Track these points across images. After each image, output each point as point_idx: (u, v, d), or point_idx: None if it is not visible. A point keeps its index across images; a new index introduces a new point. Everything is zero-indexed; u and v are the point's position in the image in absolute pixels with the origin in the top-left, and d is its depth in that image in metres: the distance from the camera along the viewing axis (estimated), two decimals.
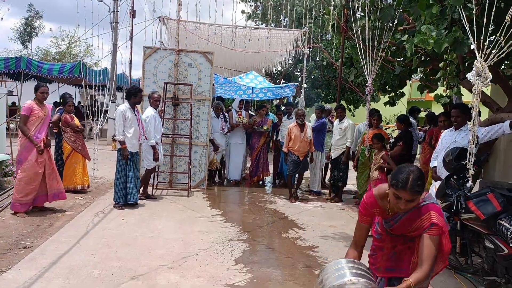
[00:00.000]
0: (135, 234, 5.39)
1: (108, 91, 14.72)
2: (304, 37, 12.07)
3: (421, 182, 2.40)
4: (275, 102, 19.81)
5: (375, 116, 7.24)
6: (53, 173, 6.15)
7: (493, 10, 3.66)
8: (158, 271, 4.28)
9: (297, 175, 8.08)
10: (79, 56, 32.67)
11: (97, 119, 8.57)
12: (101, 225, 5.69)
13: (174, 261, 4.58)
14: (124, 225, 5.75)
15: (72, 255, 4.56)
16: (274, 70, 17.84)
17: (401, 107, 14.69)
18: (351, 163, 8.35)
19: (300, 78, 19.37)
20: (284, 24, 18.13)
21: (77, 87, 21.77)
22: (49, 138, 6.13)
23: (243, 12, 18.91)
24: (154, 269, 4.32)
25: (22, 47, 31.70)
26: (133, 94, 6.64)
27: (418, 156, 9.87)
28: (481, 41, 3.76)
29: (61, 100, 7.66)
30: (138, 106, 6.97)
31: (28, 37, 30.74)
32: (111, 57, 14.55)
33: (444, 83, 5.04)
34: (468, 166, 3.96)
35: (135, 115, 6.65)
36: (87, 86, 11.20)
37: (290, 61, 16.72)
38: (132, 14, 8.73)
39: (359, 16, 6.41)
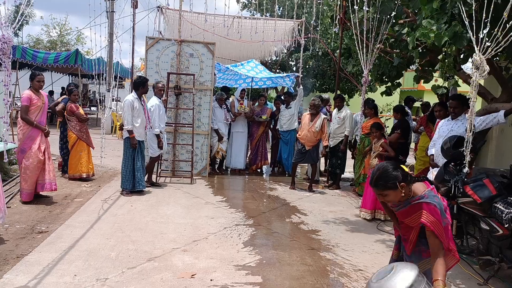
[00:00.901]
0: (145, 220, 5.61)
1: (104, 80, 14.82)
2: (300, 27, 12.26)
3: (382, 182, 2.60)
4: (270, 91, 19.99)
5: (366, 106, 7.43)
6: (45, 163, 6.18)
7: (492, 6, 3.89)
8: (173, 254, 4.51)
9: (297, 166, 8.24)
10: (70, 44, 32.49)
11: (103, 108, 8.72)
12: (112, 211, 5.89)
13: (186, 244, 4.81)
14: (133, 211, 5.96)
15: (88, 239, 4.77)
16: (269, 60, 17.99)
17: (394, 97, 14.96)
18: (349, 152, 8.63)
19: (294, 67, 19.57)
20: (279, 13, 18.28)
21: (70, 76, 21.75)
22: (46, 126, 6.21)
23: (238, 1, 18.99)
24: (168, 252, 4.55)
25: (13, 35, 31.32)
26: (141, 84, 6.81)
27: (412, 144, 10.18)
28: (480, 35, 4.00)
29: (67, 89, 7.79)
30: (144, 96, 7.12)
31: (19, 25, 30.42)
32: (108, 46, 14.54)
33: (443, 74, 5.28)
34: (465, 153, 4.22)
35: (142, 105, 6.83)
36: (91, 76, 11.15)
37: (285, 51, 16.90)
38: (135, 4, 8.84)
39: (357, 8, 6.60)
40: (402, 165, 2.70)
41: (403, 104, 9.40)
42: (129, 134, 6.69)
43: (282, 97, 9.60)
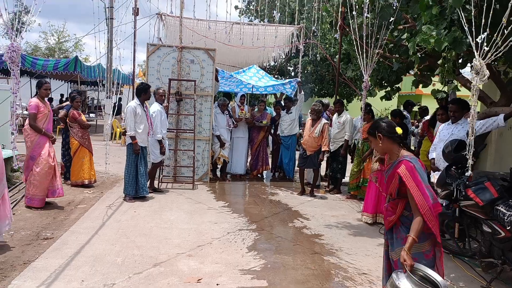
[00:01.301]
0: (149, 225, 5.64)
1: (104, 87, 14.87)
2: (298, 33, 12.37)
3: (371, 128, 3.07)
4: (268, 96, 20.06)
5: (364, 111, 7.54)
6: (55, 169, 6.28)
7: (491, 11, 3.96)
8: (178, 259, 4.55)
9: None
10: (68, 51, 32.57)
11: (103, 115, 8.77)
12: (115, 217, 5.92)
13: (191, 249, 4.85)
14: (137, 217, 5.99)
15: (93, 245, 4.80)
16: (267, 65, 18.08)
17: (393, 101, 15.09)
18: (349, 156, 8.69)
19: (293, 73, 19.67)
20: (277, 19, 18.41)
21: (69, 83, 21.80)
22: (52, 133, 6.34)
23: (236, 7, 19.12)
24: (173, 257, 4.58)
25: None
26: (143, 91, 6.87)
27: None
28: (478, 40, 4.08)
29: (69, 96, 7.85)
30: (146, 102, 7.16)
31: (17, 33, 30.40)
32: (106, 52, 14.61)
33: (443, 79, 5.36)
34: (467, 157, 4.28)
35: (145, 111, 6.88)
36: (90, 83, 11.20)
37: (283, 56, 17.02)
38: (136, 12, 8.90)
39: (356, 14, 6.67)
40: (398, 128, 2.99)
41: (401, 109, 9.49)
42: (131, 140, 6.74)
43: (282, 103, 9.66)
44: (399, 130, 2.98)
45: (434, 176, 5.27)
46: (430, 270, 2.74)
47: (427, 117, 9.26)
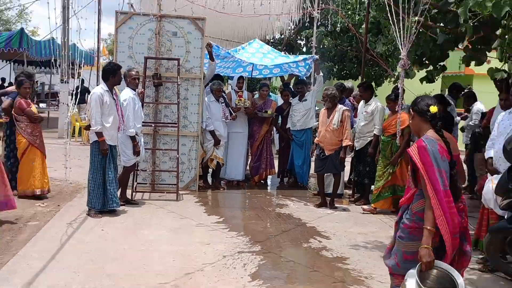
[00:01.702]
0: (122, 247, 5.68)
1: (59, 67, 14.88)
2: None
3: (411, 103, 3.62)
4: (273, 79, 20.10)
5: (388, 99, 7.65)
6: (3, 176, 6.34)
7: None
8: None
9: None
10: (11, 22, 32.69)
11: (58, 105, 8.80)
12: (77, 237, 5.96)
13: (176, 278, 4.87)
14: (106, 237, 6.04)
15: (50, 273, 4.82)
16: (271, 39, 18.13)
17: (435, 84, 15.10)
18: None
19: (304, 48, 19.74)
20: None
21: (12, 63, 21.78)
22: None
23: None
24: None
25: None
26: (112, 73, 6.86)
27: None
28: None
29: (16, 81, 7.83)
30: (116, 87, 7.18)
31: None
32: (61, 23, 14.62)
33: (502, 54, 5.37)
34: None
35: (114, 99, 6.90)
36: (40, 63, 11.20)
37: (292, 26, 17.03)
38: None
39: None
40: (433, 106, 3.41)
41: (445, 94, 9.51)
42: (97, 137, 6.76)
43: (292, 87, 9.65)
44: (433, 108, 3.41)
45: (493, 181, 5.28)
46: (451, 268, 3.22)
47: (477, 105, 9.26)
